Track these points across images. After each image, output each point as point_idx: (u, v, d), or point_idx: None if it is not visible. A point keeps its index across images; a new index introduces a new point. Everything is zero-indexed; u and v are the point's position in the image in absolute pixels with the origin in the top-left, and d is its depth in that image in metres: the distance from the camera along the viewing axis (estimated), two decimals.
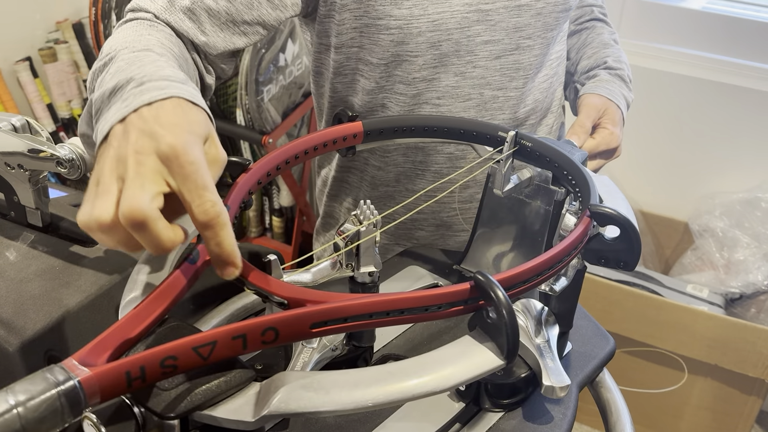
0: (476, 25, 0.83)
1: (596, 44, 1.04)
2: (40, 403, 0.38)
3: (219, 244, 0.46)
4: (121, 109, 0.50)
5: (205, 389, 0.46)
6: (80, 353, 0.42)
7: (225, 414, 0.46)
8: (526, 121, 0.93)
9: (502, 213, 0.76)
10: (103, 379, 0.41)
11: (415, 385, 0.47)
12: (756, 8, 1.84)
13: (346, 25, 0.83)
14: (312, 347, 0.61)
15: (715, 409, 1.74)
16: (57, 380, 0.39)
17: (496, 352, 0.50)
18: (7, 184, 0.73)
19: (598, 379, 0.72)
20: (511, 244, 0.77)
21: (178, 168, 0.46)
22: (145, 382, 0.43)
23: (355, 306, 0.47)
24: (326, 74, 0.91)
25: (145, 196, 0.44)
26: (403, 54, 0.83)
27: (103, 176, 0.47)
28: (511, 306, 0.48)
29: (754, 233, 1.78)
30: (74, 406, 0.39)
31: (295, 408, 0.45)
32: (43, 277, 0.68)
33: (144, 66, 0.56)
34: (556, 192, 0.71)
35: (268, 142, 1.76)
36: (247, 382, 0.48)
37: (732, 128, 1.83)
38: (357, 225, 0.59)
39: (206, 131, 0.50)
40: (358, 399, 0.45)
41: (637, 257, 0.59)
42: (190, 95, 0.52)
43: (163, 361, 0.43)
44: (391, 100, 0.87)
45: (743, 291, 1.75)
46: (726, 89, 1.80)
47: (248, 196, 0.63)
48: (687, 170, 1.93)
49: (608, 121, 0.92)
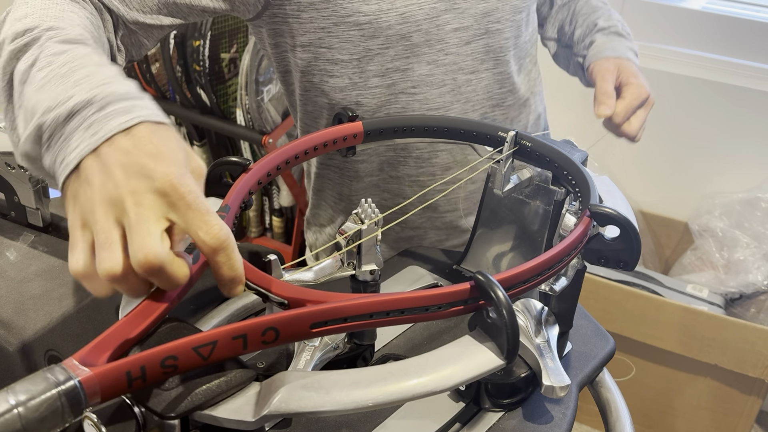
0: (445, 14, 0.83)
1: (585, 11, 1.04)
2: (40, 403, 0.38)
3: (232, 267, 0.46)
4: (88, 138, 0.47)
5: (205, 389, 0.46)
6: (81, 353, 0.42)
7: (225, 414, 0.46)
8: (503, 102, 0.93)
9: (502, 213, 0.76)
10: (103, 378, 0.41)
11: (415, 385, 0.47)
12: (756, 8, 1.84)
13: (314, 24, 0.82)
14: (314, 345, 0.61)
15: (714, 409, 1.74)
16: (57, 380, 0.39)
17: (497, 352, 0.50)
18: (7, 184, 0.73)
19: (597, 379, 0.72)
20: (511, 244, 0.77)
21: (179, 200, 0.44)
22: (146, 382, 0.43)
23: (355, 306, 0.47)
24: (294, 73, 0.90)
25: (155, 241, 0.43)
26: (374, 48, 0.83)
27: (98, 223, 0.44)
28: (511, 306, 0.48)
29: (753, 233, 1.78)
30: (75, 406, 0.39)
31: (295, 408, 0.45)
32: (43, 277, 0.68)
33: (91, 75, 0.51)
34: (555, 192, 0.71)
35: (268, 142, 1.76)
36: (247, 382, 0.48)
37: (732, 128, 1.83)
38: (358, 224, 0.59)
39: (184, 150, 0.49)
40: (359, 399, 0.46)
41: (636, 257, 0.59)
42: (156, 116, 0.50)
43: (163, 361, 0.43)
44: (365, 96, 0.87)
45: (743, 291, 1.75)
46: (726, 89, 1.80)
47: (248, 196, 0.63)
48: (687, 170, 1.93)
49: (629, 75, 0.90)
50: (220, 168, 0.65)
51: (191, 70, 1.74)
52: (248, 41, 1.68)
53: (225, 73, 1.82)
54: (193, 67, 1.73)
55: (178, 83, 1.79)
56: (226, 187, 0.64)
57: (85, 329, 0.65)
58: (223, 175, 0.65)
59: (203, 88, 1.77)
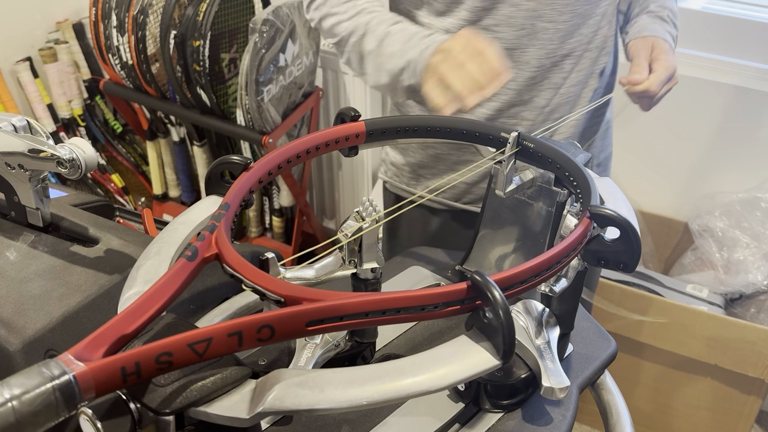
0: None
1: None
2: (35, 397, 0.38)
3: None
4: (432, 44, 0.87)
5: (200, 386, 0.46)
6: (76, 348, 0.43)
7: (220, 411, 0.46)
8: (572, 52, 1.01)
9: (505, 214, 0.76)
10: (98, 374, 0.41)
11: (410, 384, 0.47)
12: (756, 8, 1.84)
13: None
14: (315, 343, 0.61)
15: (714, 409, 1.74)
16: (52, 374, 0.39)
17: (492, 352, 0.50)
18: (7, 184, 0.73)
19: (599, 381, 0.72)
20: (514, 245, 0.77)
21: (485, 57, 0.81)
22: (140, 378, 0.43)
23: (351, 304, 0.47)
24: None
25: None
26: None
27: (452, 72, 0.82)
28: (507, 306, 0.48)
29: (753, 233, 1.78)
30: (69, 401, 0.40)
31: (289, 405, 0.45)
32: (43, 277, 0.68)
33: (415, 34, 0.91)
34: (558, 193, 0.71)
35: (268, 142, 1.76)
36: (242, 380, 0.48)
37: (732, 128, 1.83)
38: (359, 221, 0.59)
39: None
40: (353, 397, 0.46)
41: (637, 259, 0.59)
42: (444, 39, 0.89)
43: (158, 357, 0.43)
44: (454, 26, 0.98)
45: (743, 291, 1.75)
46: (726, 89, 1.80)
47: (249, 195, 0.63)
48: (687, 170, 1.93)
49: (659, 53, 1.03)
50: (221, 167, 0.65)
51: (191, 70, 1.74)
52: (248, 41, 1.68)
53: (225, 73, 1.82)
54: (193, 67, 1.73)
55: (178, 83, 1.79)
56: (227, 185, 0.64)
57: (85, 329, 0.65)
58: (224, 174, 0.65)
59: (203, 88, 1.77)
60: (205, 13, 1.69)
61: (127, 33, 1.79)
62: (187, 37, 1.71)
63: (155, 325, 0.49)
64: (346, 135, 0.73)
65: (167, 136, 2.06)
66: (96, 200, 0.89)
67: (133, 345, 0.46)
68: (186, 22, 1.71)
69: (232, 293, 0.74)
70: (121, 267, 0.70)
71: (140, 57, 1.80)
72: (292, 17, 1.75)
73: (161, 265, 0.56)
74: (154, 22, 1.77)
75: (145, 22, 1.76)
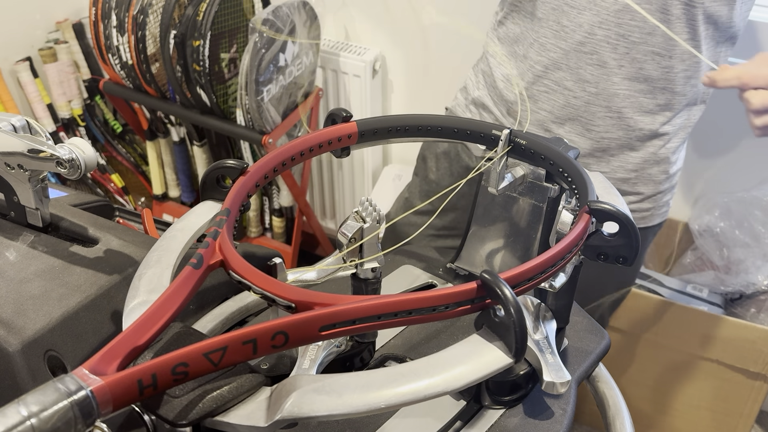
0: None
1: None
2: (53, 414, 0.38)
3: None
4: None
5: (216, 395, 0.45)
6: (90, 362, 0.42)
7: (237, 420, 0.45)
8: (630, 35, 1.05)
9: (496, 211, 0.77)
10: (115, 387, 0.41)
11: (426, 386, 0.47)
12: (756, 8, 1.84)
13: None
14: (318, 344, 0.61)
15: (714, 409, 1.74)
16: (69, 390, 0.39)
17: (505, 350, 0.50)
18: (7, 184, 0.73)
19: (594, 374, 0.72)
20: (504, 242, 0.77)
21: None
22: (157, 390, 0.42)
23: (363, 308, 0.47)
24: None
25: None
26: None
27: None
28: (518, 304, 0.48)
29: (753, 233, 1.78)
30: (87, 416, 0.39)
31: (308, 412, 0.45)
32: (43, 277, 0.68)
33: None
34: (549, 189, 0.71)
35: (268, 142, 1.76)
36: (257, 387, 0.48)
37: (732, 128, 1.83)
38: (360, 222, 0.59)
39: None
40: (371, 401, 0.45)
41: (635, 252, 0.59)
42: None
43: (174, 368, 0.42)
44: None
45: (743, 291, 1.75)
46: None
47: (246, 199, 0.63)
48: (687, 170, 1.93)
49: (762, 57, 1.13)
50: (216, 171, 0.64)
51: (191, 70, 1.74)
52: (248, 41, 1.68)
53: (225, 73, 1.82)
54: (193, 67, 1.73)
55: (178, 83, 1.79)
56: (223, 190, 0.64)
57: (85, 329, 0.65)
58: (219, 179, 0.65)
59: (203, 88, 1.77)
60: (205, 12, 1.69)
61: (127, 33, 1.79)
62: (186, 37, 1.71)
63: (164, 335, 0.49)
64: (339, 136, 0.73)
65: (167, 136, 2.06)
66: (96, 200, 0.89)
67: (144, 356, 0.46)
68: (186, 21, 1.71)
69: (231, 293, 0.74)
70: (121, 267, 0.70)
71: (140, 57, 1.80)
72: (292, 17, 1.75)
73: (163, 274, 0.56)
74: (154, 22, 1.77)
75: (145, 22, 1.76)
